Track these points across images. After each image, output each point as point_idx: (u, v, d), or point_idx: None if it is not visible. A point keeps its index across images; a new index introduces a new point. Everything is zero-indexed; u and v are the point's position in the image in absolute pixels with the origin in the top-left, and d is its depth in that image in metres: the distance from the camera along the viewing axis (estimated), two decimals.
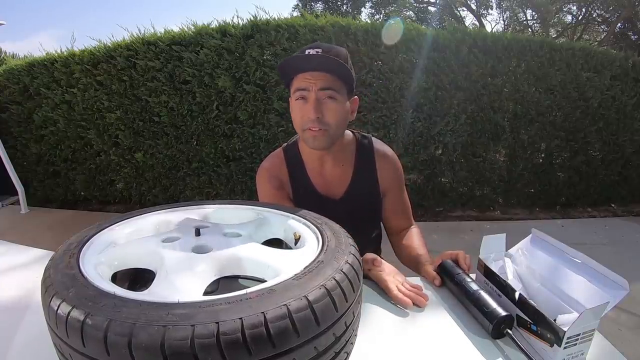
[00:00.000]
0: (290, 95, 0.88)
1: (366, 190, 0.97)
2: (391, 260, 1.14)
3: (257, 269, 0.51)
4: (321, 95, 0.82)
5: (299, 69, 0.83)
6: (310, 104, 0.82)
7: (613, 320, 1.75)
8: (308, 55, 0.80)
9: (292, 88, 0.87)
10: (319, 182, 0.95)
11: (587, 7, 9.41)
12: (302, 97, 0.84)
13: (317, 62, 0.81)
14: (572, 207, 3.59)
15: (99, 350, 0.34)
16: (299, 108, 0.85)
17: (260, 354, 0.35)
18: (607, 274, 0.58)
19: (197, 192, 3.35)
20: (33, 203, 3.61)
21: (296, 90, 0.84)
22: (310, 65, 0.82)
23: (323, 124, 0.83)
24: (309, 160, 0.96)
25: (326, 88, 0.82)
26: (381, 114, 3.04)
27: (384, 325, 0.64)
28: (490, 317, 0.59)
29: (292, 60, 0.82)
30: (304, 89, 0.83)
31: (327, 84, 0.82)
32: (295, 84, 0.85)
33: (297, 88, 0.84)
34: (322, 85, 0.82)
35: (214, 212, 0.69)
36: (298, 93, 0.84)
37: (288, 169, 0.96)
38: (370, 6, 11.94)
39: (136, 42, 3.08)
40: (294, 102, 0.87)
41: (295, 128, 0.89)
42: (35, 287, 0.43)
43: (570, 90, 3.23)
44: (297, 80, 0.84)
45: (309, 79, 0.82)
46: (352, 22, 2.97)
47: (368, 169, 0.97)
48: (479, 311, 0.62)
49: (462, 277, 0.71)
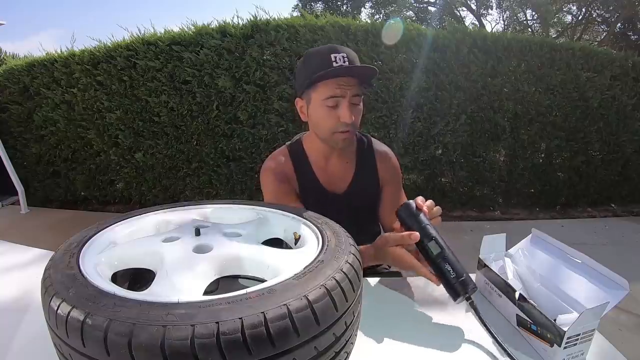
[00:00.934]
0: (311, 98, 0.90)
1: (367, 185, 1.01)
2: None
3: (257, 268, 0.51)
4: (353, 101, 0.88)
5: (337, 74, 0.85)
6: (345, 109, 0.87)
7: (613, 320, 1.75)
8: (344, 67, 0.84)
9: (317, 92, 0.88)
10: (323, 178, 0.99)
11: (587, 7, 9.41)
12: (335, 103, 0.87)
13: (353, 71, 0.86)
14: (572, 207, 3.59)
15: (99, 350, 0.34)
16: (329, 112, 0.88)
17: (260, 353, 0.35)
18: (607, 274, 0.58)
19: (197, 192, 3.35)
20: (33, 203, 3.61)
21: (330, 96, 0.86)
22: (354, 72, 0.86)
23: (354, 126, 0.89)
24: (315, 157, 0.99)
25: (357, 94, 0.88)
26: (381, 114, 3.04)
27: (384, 325, 0.63)
28: (453, 278, 0.61)
29: (332, 71, 0.84)
30: (340, 95, 0.86)
31: (357, 90, 0.88)
32: (327, 89, 0.86)
33: (332, 94, 0.86)
34: (355, 92, 0.87)
35: (214, 212, 0.69)
36: (331, 100, 0.86)
37: (293, 165, 0.99)
38: (370, 6, 11.94)
39: (136, 42, 3.08)
40: (323, 108, 0.88)
41: (320, 131, 0.92)
42: (35, 287, 0.43)
43: (570, 90, 3.23)
44: (328, 86, 0.86)
45: (343, 86, 0.86)
46: (352, 22, 2.98)
47: (369, 165, 1.01)
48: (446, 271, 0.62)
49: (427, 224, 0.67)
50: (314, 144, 0.98)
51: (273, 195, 0.94)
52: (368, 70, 0.86)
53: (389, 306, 0.69)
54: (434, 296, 0.73)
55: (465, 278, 0.61)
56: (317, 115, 0.90)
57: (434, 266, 0.64)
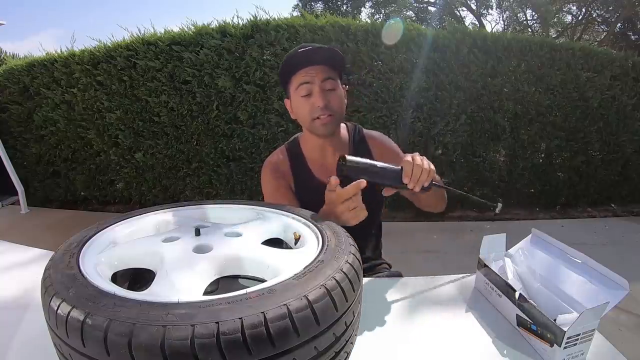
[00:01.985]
0: (290, 94, 0.95)
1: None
2: (394, 260, 1.15)
3: (257, 268, 0.51)
4: (324, 86, 0.90)
5: (299, 64, 0.90)
6: (316, 94, 0.90)
7: (613, 320, 1.75)
8: (304, 51, 0.87)
9: (292, 86, 0.93)
10: (319, 172, 1.01)
11: (587, 7, 9.41)
12: (307, 91, 0.90)
13: (313, 54, 0.88)
14: (572, 207, 3.58)
15: (99, 350, 0.34)
16: (304, 101, 0.92)
17: (260, 353, 0.35)
18: (607, 274, 0.58)
19: (197, 192, 3.35)
20: (33, 203, 3.61)
21: (299, 85, 0.90)
22: (307, 59, 0.89)
23: (330, 109, 0.91)
24: (310, 153, 1.02)
25: (327, 78, 0.90)
26: (381, 114, 3.04)
27: (384, 325, 0.63)
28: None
29: (294, 57, 0.89)
30: (308, 82, 0.89)
31: (327, 74, 0.90)
32: (297, 80, 0.91)
33: (301, 82, 0.90)
34: (323, 76, 0.90)
35: (214, 212, 0.69)
36: (302, 87, 0.90)
37: (290, 162, 1.02)
38: (370, 6, 11.94)
39: (136, 42, 3.08)
40: (298, 99, 0.92)
41: (302, 121, 0.96)
42: (35, 287, 0.43)
43: (570, 90, 3.23)
44: (298, 77, 0.90)
45: (309, 73, 0.89)
46: (352, 22, 2.98)
47: (363, 152, 1.03)
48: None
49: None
50: (308, 140, 1.01)
51: (269, 190, 0.99)
52: (329, 53, 0.89)
53: (388, 306, 0.69)
54: (433, 296, 0.73)
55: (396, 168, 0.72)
56: (297, 107, 0.94)
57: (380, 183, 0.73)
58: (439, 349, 0.58)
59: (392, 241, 1.22)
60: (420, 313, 0.67)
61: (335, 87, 0.92)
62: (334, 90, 0.92)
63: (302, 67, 0.90)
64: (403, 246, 2.56)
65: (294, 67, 0.91)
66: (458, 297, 0.72)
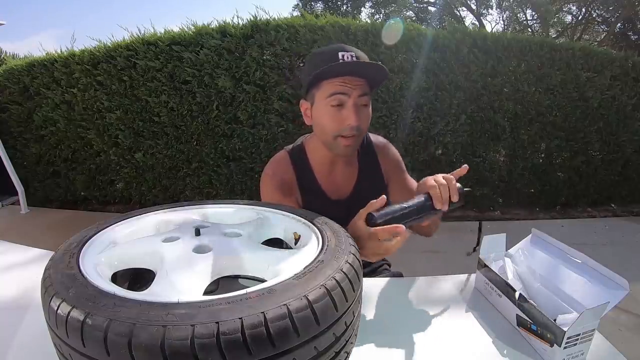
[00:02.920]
0: (315, 99, 0.85)
1: (372, 186, 0.97)
2: (394, 259, 1.15)
3: (257, 268, 0.51)
4: (359, 101, 0.82)
5: (340, 72, 0.80)
6: (350, 110, 0.81)
7: (613, 320, 1.75)
8: (351, 62, 0.78)
9: (321, 91, 0.83)
10: (327, 185, 0.95)
11: (587, 7, 9.41)
12: (340, 102, 0.81)
13: (360, 68, 0.80)
14: (572, 207, 3.59)
15: (99, 350, 0.34)
16: (333, 114, 0.82)
17: (260, 354, 0.35)
18: (607, 274, 0.58)
19: (197, 192, 3.35)
20: (33, 203, 3.61)
21: (333, 94, 0.81)
22: (352, 71, 0.80)
23: (359, 130, 0.82)
24: (318, 164, 0.94)
25: (363, 94, 0.82)
26: (381, 114, 3.04)
27: (384, 325, 0.63)
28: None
29: (337, 66, 0.78)
30: (343, 93, 0.80)
31: (364, 90, 0.81)
32: (330, 87, 0.81)
33: (336, 92, 0.80)
34: (361, 92, 0.81)
35: (214, 212, 0.69)
36: (334, 97, 0.81)
37: (296, 174, 0.94)
38: (370, 6, 11.94)
39: (136, 42, 3.08)
40: (326, 108, 0.82)
41: (322, 133, 0.86)
42: (35, 287, 0.43)
43: (570, 90, 3.23)
44: (333, 84, 0.81)
45: (347, 84, 0.80)
46: (352, 22, 2.98)
47: (372, 164, 0.98)
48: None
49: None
50: (317, 150, 0.92)
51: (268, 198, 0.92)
52: (378, 70, 0.79)
53: (388, 306, 0.69)
54: (433, 296, 0.73)
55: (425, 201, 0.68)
56: (321, 116, 0.84)
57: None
58: (439, 349, 0.58)
59: None
60: (420, 313, 0.67)
61: (368, 104, 0.84)
62: (367, 107, 0.83)
63: (341, 75, 0.80)
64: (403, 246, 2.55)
65: (331, 73, 0.79)
66: (458, 297, 0.72)
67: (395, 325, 0.64)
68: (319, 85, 0.82)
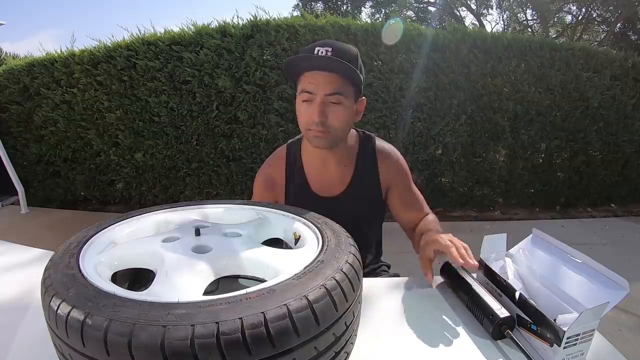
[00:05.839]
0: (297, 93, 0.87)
1: (366, 189, 0.96)
2: (394, 260, 1.15)
3: (257, 268, 0.51)
4: (327, 100, 0.82)
5: (305, 68, 0.82)
6: (314, 107, 0.82)
7: (613, 320, 1.75)
8: (317, 57, 0.79)
9: (298, 86, 0.85)
10: (316, 181, 0.95)
11: (587, 7, 9.41)
12: (308, 99, 0.83)
13: (326, 64, 0.80)
14: (572, 207, 3.59)
15: (99, 350, 0.34)
16: (303, 109, 0.84)
17: (260, 354, 0.35)
18: (607, 274, 0.58)
19: (197, 192, 3.35)
20: (33, 203, 3.60)
21: (302, 92, 0.83)
22: (318, 66, 0.81)
23: (326, 126, 0.83)
24: (310, 160, 0.95)
25: (332, 93, 0.81)
26: (381, 114, 3.04)
27: (384, 325, 0.63)
28: (491, 319, 0.59)
29: (299, 59, 0.82)
30: (310, 91, 0.82)
31: (333, 88, 0.81)
32: (302, 84, 0.83)
33: (303, 90, 0.83)
34: (328, 91, 0.81)
35: (214, 212, 0.69)
36: (304, 95, 0.83)
37: (286, 168, 0.97)
38: (370, 6, 11.94)
39: (136, 42, 3.08)
40: (299, 102, 0.85)
41: (300, 126, 0.89)
42: (35, 287, 0.43)
43: (570, 90, 3.23)
44: (304, 80, 0.83)
45: (314, 83, 0.81)
46: (352, 22, 2.98)
47: (369, 168, 0.96)
48: (481, 312, 0.62)
49: (464, 277, 0.71)
50: (309, 147, 0.93)
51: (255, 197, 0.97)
52: (340, 66, 0.78)
53: (388, 306, 0.69)
54: (434, 296, 0.73)
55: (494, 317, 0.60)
56: (297, 109, 0.87)
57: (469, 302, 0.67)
58: (439, 349, 0.58)
59: (392, 241, 1.22)
60: (420, 313, 0.67)
61: (341, 102, 0.82)
62: (339, 104, 0.82)
63: (309, 70, 0.81)
64: (403, 246, 2.54)
65: (300, 68, 0.83)
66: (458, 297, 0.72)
67: (395, 326, 0.64)
68: (299, 80, 0.85)
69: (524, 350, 0.55)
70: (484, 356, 0.56)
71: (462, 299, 0.69)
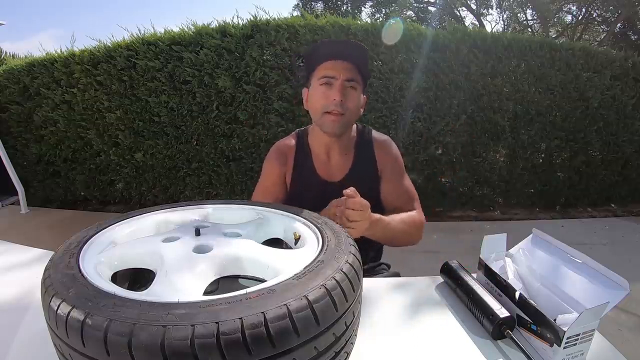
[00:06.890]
0: (311, 83, 0.97)
1: (365, 174, 1.03)
2: (394, 260, 1.15)
3: (257, 268, 0.51)
4: (346, 84, 0.92)
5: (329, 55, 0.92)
6: (336, 88, 0.91)
7: (613, 320, 1.75)
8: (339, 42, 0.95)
9: (315, 75, 0.95)
10: (321, 167, 1.02)
11: (587, 7, 9.41)
12: (327, 82, 0.92)
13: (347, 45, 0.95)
14: (572, 207, 3.59)
15: (99, 350, 0.34)
16: (322, 92, 0.93)
17: (260, 354, 0.35)
18: (607, 274, 0.58)
19: (197, 192, 3.35)
20: (33, 203, 3.60)
21: (323, 77, 0.92)
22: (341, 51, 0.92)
23: (344, 107, 0.92)
24: (316, 148, 1.03)
25: (350, 79, 0.92)
26: (381, 114, 3.04)
27: (384, 325, 0.63)
28: (491, 319, 0.59)
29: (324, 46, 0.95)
30: (332, 76, 0.92)
31: (352, 75, 0.92)
32: (322, 71, 0.93)
33: (325, 75, 0.92)
34: (348, 76, 0.92)
35: (214, 212, 0.69)
36: (324, 79, 0.92)
37: (296, 150, 1.04)
38: (370, 6, 11.94)
39: (136, 42, 3.08)
40: (317, 87, 0.94)
41: (314, 113, 0.97)
42: (35, 287, 0.43)
43: (570, 90, 3.23)
44: (324, 68, 0.93)
45: (335, 69, 0.91)
46: (352, 22, 2.98)
47: (367, 155, 1.03)
48: (481, 312, 0.62)
49: (464, 277, 0.71)
50: (316, 135, 1.01)
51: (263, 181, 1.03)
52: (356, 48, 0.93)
53: (388, 306, 0.69)
54: (433, 296, 0.73)
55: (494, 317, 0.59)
56: (313, 96, 0.96)
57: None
58: (439, 349, 0.58)
59: None
60: (420, 313, 0.67)
61: (357, 89, 0.94)
62: (354, 90, 0.94)
63: (331, 59, 0.92)
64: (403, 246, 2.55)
65: (322, 57, 0.93)
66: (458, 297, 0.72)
67: (394, 325, 0.64)
68: (315, 70, 0.95)
69: (524, 350, 0.55)
70: (484, 356, 0.56)
71: (462, 299, 0.69)
